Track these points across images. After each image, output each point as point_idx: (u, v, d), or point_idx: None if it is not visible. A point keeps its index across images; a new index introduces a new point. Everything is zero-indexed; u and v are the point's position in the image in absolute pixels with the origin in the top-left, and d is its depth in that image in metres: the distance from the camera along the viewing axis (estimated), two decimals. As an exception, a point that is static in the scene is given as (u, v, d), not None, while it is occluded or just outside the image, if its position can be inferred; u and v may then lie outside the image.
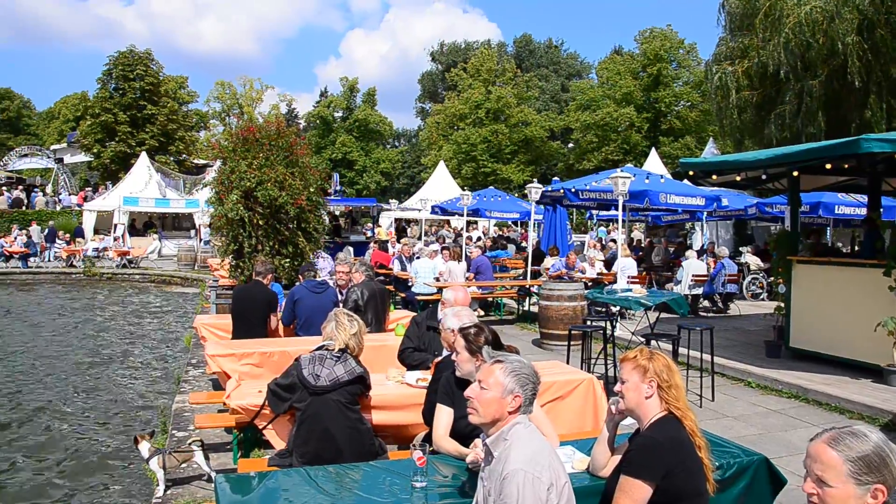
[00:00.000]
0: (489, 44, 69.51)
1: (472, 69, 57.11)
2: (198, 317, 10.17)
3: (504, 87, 55.13)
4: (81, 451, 8.49)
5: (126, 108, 45.40)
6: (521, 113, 54.50)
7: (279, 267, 10.07)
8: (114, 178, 42.17)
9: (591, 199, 16.01)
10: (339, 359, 4.59)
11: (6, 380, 12.05)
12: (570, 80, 67.60)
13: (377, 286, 8.42)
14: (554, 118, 59.13)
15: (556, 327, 11.89)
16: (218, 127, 66.07)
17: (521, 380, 2.94)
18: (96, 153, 46.17)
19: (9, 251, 29.49)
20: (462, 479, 3.59)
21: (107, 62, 46.63)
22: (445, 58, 74.15)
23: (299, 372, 4.51)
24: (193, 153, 50.92)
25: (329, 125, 65.62)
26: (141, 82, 45.78)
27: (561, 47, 77.66)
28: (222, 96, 67.42)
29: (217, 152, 11.59)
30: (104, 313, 19.84)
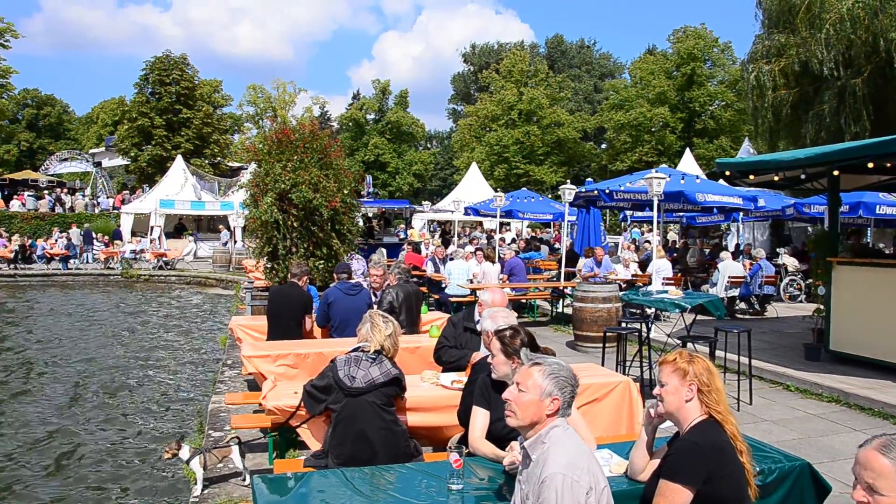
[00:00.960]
0: (522, 45, 69.31)
1: (504, 70, 57.00)
2: (233, 318, 10.27)
3: (536, 88, 54.91)
4: (117, 451, 8.61)
5: (162, 112, 46.07)
6: (554, 114, 54.25)
7: (313, 268, 10.12)
8: (150, 181, 42.80)
9: (625, 200, 15.85)
10: (374, 360, 4.59)
11: (45, 379, 12.30)
12: (603, 81, 67.20)
13: (411, 288, 8.42)
14: (587, 119, 58.82)
15: (590, 329, 11.80)
16: (252, 130, 66.72)
17: (559, 382, 2.91)
18: (133, 157, 46.90)
19: (50, 253, 30.06)
20: (499, 481, 3.57)
21: (143, 67, 47.45)
22: (477, 59, 74.11)
23: (335, 373, 4.51)
24: (228, 156, 51.49)
25: (361, 127, 65.93)
26: (177, 87, 46.43)
27: (593, 47, 77.28)
28: (255, 100, 68.07)
29: (252, 155, 11.69)
30: (141, 314, 20.11)
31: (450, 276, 14.83)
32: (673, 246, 23.84)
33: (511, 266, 15.25)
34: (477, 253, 15.88)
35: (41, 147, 72.88)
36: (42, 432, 9.27)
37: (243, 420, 6.27)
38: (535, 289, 16.14)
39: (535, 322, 15.16)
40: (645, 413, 3.39)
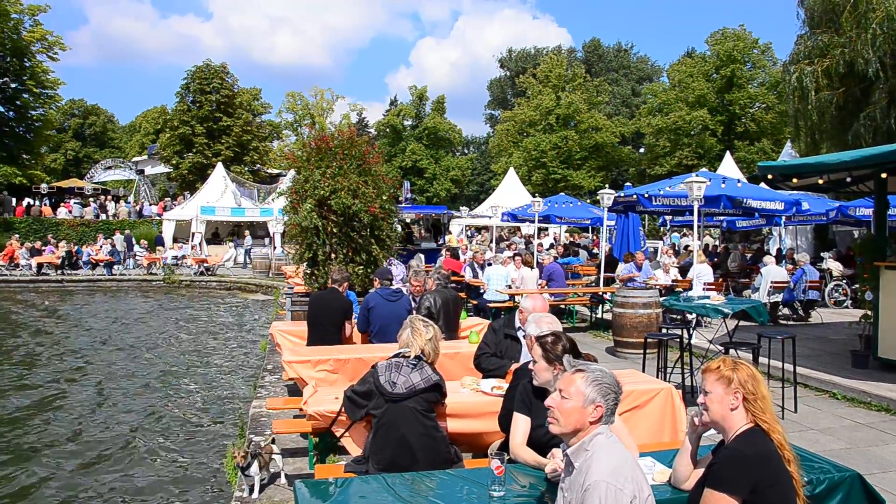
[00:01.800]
0: (559, 49, 69.09)
1: (541, 75, 56.86)
2: (273, 323, 10.36)
3: (574, 93, 54.66)
4: (158, 455, 8.74)
5: (203, 121, 46.79)
6: (592, 118, 53.95)
7: (353, 274, 10.17)
8: (191, 188, 43.45)
9: (664, 206, 15.69)
10: (415, 366, 4.57)
11: (88, 384, 12.54)
12: (641, 84, 66.72)
13: (450, 293, 8.42)
14: (625, 123, 58.38)
15: (630, 335, 11.70)
16: (290, 137, 67.42)
17: (602, 390, 2.89)
18: (175, 164, 47.69)
19: (95, 259, 30.70)
20: (540, 489, 3.54)
21: (185, 76, 48.28)
22: (514, 64, 74.11)
23: (376, 379, 4.51)
24: (267, 163, 52.08)
25: (399, 133, 66.26)
26: (217, 95, 47.13)
27: (630, 51, 76.75)
28: (294, 107, 68.77)
29: (291, 162, 11.79)
30: (182, 320, 20.42)
31: (488, 281, 14.81)
32: (713, 251, 23.51)
33: (550, 271, 15.19)
34: (515, 258, 15.84)
35: (86, 155, 74.59)
36: (81, 434, 9.46)
37: (284, 425, 6.31)
38: (573, 294, 16.05)
39: (573, 328, 15.07)
40: (689, 421, 3.33)
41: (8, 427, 9.94)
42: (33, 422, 10.23)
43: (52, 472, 8.13)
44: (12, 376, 13.04)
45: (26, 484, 7.83)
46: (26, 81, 38.54)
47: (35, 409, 10.87)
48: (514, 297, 14.27)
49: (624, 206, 17.16)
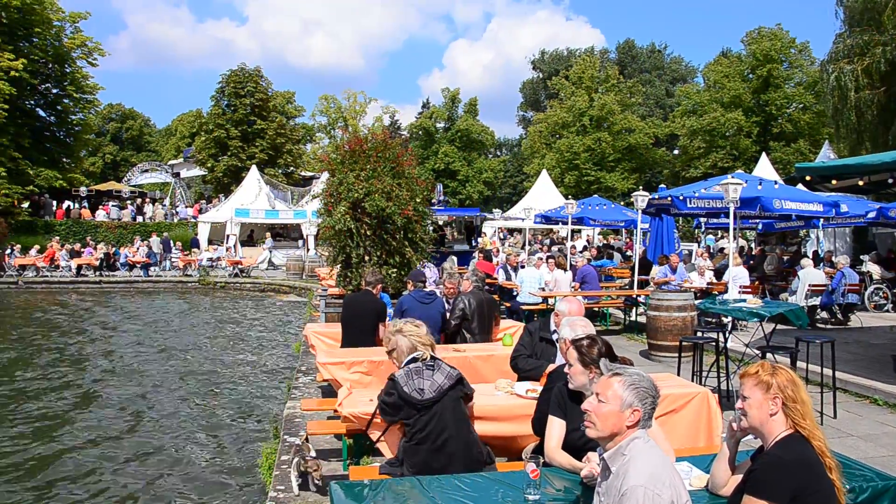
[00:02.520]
0: (592, 50, 68.73)
1: (573, 77, 56.61)
2: (307, 325, 10.43)
3: (607, 94, 54.33)
4: (192, 454, 8.85)
5: (237, 124, 47.30)
6: (625, 120, 53.58)
7: (386, 276, 10.22)
8: (226, 190, 43.94)
9: (699, 208, 15.52)
10: (433, 367, 4.53)
11: (126, 383, 12.75)
12: (675, 85, 66.11)
13: (484, 296, 8.43)
14: (659, 124, 57.88)
15: (664, 338, 11.58)
16: (324, 140, 67.92)
17: (640, 393, 2.86)
18: (210, 167, 48.26)
19: (132, 261, 31.21)
20: (576, 493, 3.53)
21: (219, 80, 48.84)
22: (547, 66, 73.88)
23: (400, 390, 4.44)
24: (301, 166, 52.49)
25: (431, 136, 66.42)
26: (251, 98, 47.62)
27: (664, 52, 76.11)
28: (327, 110, 69.27)
29: (326, 164, 11.88)
30: (216, 321, 20.65)
31: (521, 283, 14.77)
32: (749, 253, 23.21)
33: (583, 274, 15.11)
34: (549, 261, 15.78)
35: (124, 159, 75.82)
36: (114, 434, 9.61)
37: (319, 426, 6.35)
38: (607, 297, 15.94)
39: (607, 330, 14.96)
40: (727, 426, 3.30)
41: (52, 423, 10.15)
42: (75, 419, 10.44)
43: (93, 467, 8.30)
44: (55, 375, 13.29)
45: (68, 477, 8.00)
46: (67, 87, 39.35)
47: (77, 407, 11.08)
48: (547, 299, 14.22)
49: (658, 209, 17.02)
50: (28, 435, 9.56)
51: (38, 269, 29.72)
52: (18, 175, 34.86)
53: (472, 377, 6.51)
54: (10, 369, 13.76)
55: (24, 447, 9.06)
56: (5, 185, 33.58)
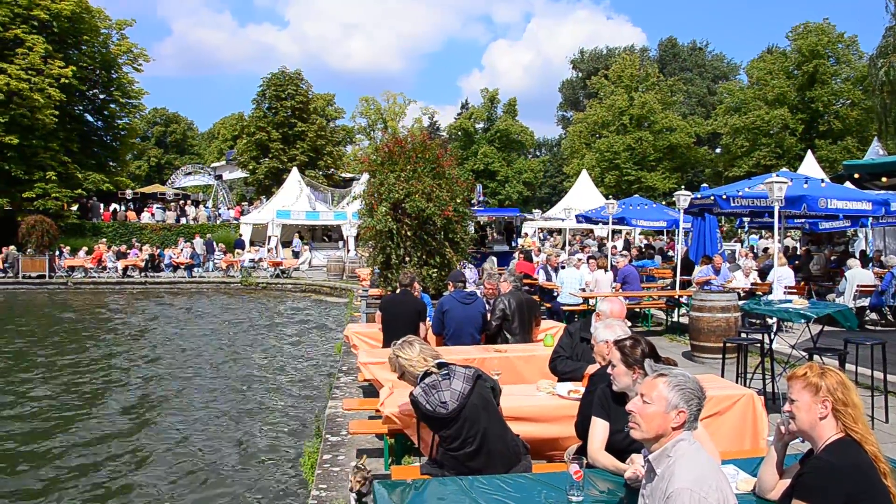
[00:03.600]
0: (631, 49, 68.14)
1: (613, 76, 56.16)
2: (349, 325, 10.51)
3: (647, 93, 53.79)
4: (235, 451, 8.98)
5: (278, 126, 47.83)
6: (666, 118, 52.98)
7: (426, 277, 10.25)
8: (267, 192, 44.46)
9: (743, 207, 15.26)
10: (447, 375, 4.37)
11: (168, 381, 13.00)
12: (717, 83, 65.16)
13: (524, 296, 8.40)
14: (700, 123, 57.09)
15: (707, 339, 11.43)
16: (363, 141, 68.38)
17: (685, 395, 2.83)
18: (251, 169, 48.89)
19: (176, 262, 31.76)
20: (619, 495, 3.51)
21: (261, 84, 49.46)
22: (586, 65, 73.44)
23: (423, 410, 4.31)
24: (341, 167, 52.88)
25: (471, 137, 66.45)
26: (292, 101, 48.13)
27: (706, 49, 75.07)
28: (367, 112, 69.71)
29: (367, 165, 11.97)
30: (259, 321, 20.90)
31: (562, 284, 14.69)
32: (794, 253, 22.77)
33: (624, 274, 14.97)
34: (589, 261, 15.67)
35: (168, 162, 77.17)
36: (142, 437, 9.73)
37: (360, 425, 6.40)
38: (648, 297, 15.78)
39: (648, 331, 14.81)
40: (775, 429, 3.24)
41: (111, 417, 10.42)
42: (130, 413, 10.69)
43: (139, 457, 8.48)
44: (109, 375, 13.61)
45: (123, 465, 8.19)
46: (113, 92, 40.27)
47: (130, 404, 11.35)
48: (587, 300, 14.13)
49: (700, 208, 16.78)
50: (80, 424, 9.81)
51: (87, 270, 30.44)
52: (68, 179, 35.73)
53: (514, 377, 6.53)
54: (65, 367, 14.11)
55: (81, 438, 9.30)
56: (55, 189, 34.45)
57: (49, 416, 10.57)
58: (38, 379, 13.03)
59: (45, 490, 7.75)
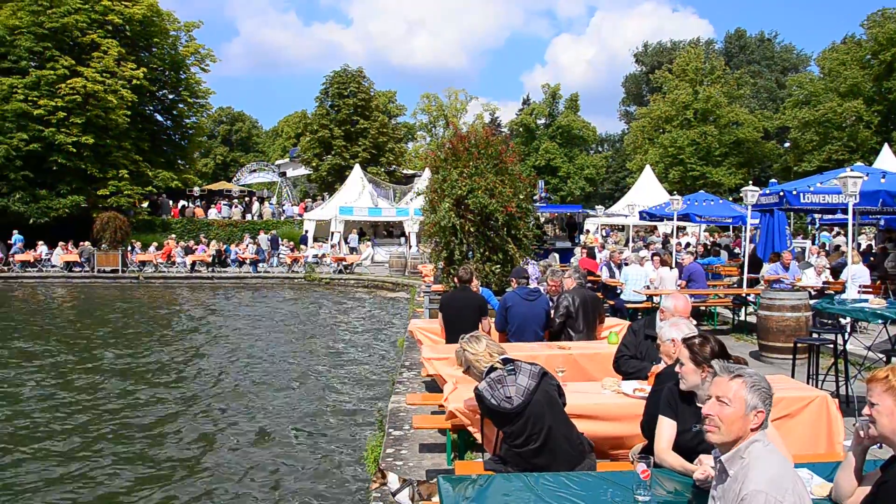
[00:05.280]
0: (697, 41, 66.75)
1: (677, 69, 55.11)
2: (412, 321, 10.58)
3: (713, 87, 52.62)
4: (299, 443, 9.13)
5: (341, 124, 48.40)
6: (732, 112, 51.77)
7: (489, 273, 10.25)
8: (330, 189, 45.02)
9: (814, 203, 14.79)
10: (512, 371, 4.35)
11: (233, 373, 13.32)
12: (786, 75, 63.34)
13: (588, 293, 8.33)
14: (768, 117, 55.57)
15: (776, 339, 11.13)
16: (424, 138, 68.67)
17: (762, 394, 2.76)
18: (315, 166, 49.59)
19: (242, 257, 32.43)
20: (686, 495, 3.45)
21: (323, 82, 50.14)
22: (650, 59, 72.32)
23: (488, 404, 4.30)
24: (402, 164, 53.23)
25: (532, 132, 66.12)
26: (354, 99, 48.64)
27: (774, 40, 72.97)
28: (428, 108, 69.95)
29: (430, 161, 12.01)
30: (322, 316, 21.20)
31: (626, 281, 14.50)
32: (868, 250, 21.99)
33: (690, 271, 14.70)
34: (653, 258, 15.43)
35: (233, 160, 78.87)
36: (210, 429, 9.98)
37: (423, 420, 6.43)
38: (714, 295, 15.46)
39: (714, 330, 14.51)
40: (853, 434, 3.13)
41: (177, 407, 10.75)
42: (196, 402, 11.02)
43: (205, 444, 8.70)
44: (176, 366, 14.02)
45: (188, 451, 8.42)
46: (182, 92, 41.48)
47: (196, 395, 11.68)
48: (651, 297, 13.92)
49: (769, 204, 16.35)
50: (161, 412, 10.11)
51: (157, 265, 31.36)
52: (139, 176, 36.93)
53: (578, 375, 6.48)
54: (143, 360, 14.58)
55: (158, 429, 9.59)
56: (127, 187, 35.61)
57: (117, 404, 10.93)
58: (113, 368, 13.50)
59: (109, 471, 8.02)
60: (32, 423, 10.07)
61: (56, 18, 33.96)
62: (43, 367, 13.62)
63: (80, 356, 14.86)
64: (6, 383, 12.38)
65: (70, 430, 9.65)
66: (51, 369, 13.50)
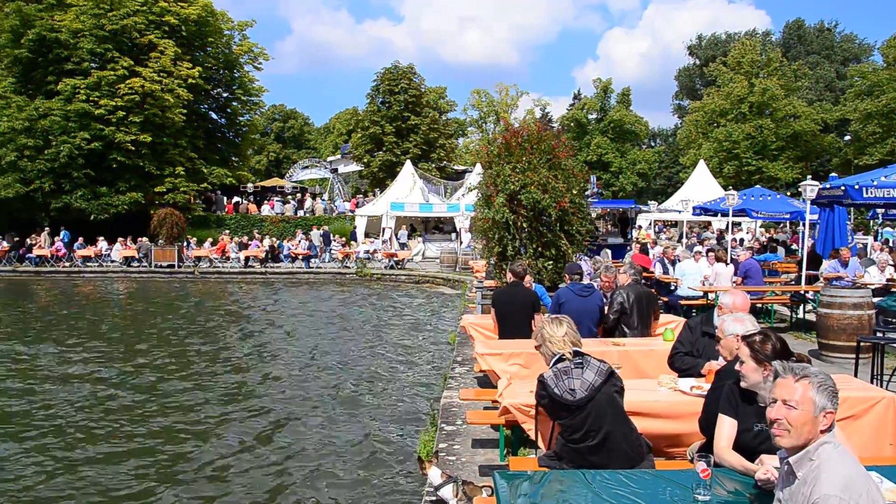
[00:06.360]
0: (753, 33, 65.31)
1: (732, 62, 54.02)
2: (464, 316, 10.58)
3: (769, 79, 51.41)
4: (350, 439, 9.20)
5: (392, 120, 48.67)
6: (789, 105, 50.51)
7: (542, 269, 10.20)
8: (381, 185, 45.31)
9: (877, 198, 14.35)
10: (581, 364, 4.35)
11: (284, 366, 13.53)
12: (846, 66, 61.52)
13: (643, 289, 8.23)
14: (828, 109, 54.06)
15: (837, 338, 10.84)
16: (475, 134, 68.62)
17: (830, 394, 2.69)
18: (366, 162, 49.96)
19: (294, 253, 32.85)
20: (747, 495, 3.39)
21: (374, 78, 50.46)
22: (704, 52, 71.05)
23: (550, 392, 4.30)
24: (453, 159, 53.28)
25: (583, 128, 65.61)
26: (405, 95, 48.83)
27: (835, 29, 70.90)
28: (479, 104, 69.89)
29: (483, 156, 12.00)
30: (374, 311, 21.35)
31: (682, 277, 14.29)
32: (934, 247, 21.31)
33: (746, 268, 14.40)
34: (709, 254, 15.17)
35: (286, 156, 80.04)
36: (271, 423, 10.07)
37: (477, 416, 6.43)
38: (771, 293, 15.13)
39: (771, 328, 14.21)
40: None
41: (230, 400, 10.97)
42: (250, 396, 11.21)
43: (259, 439, 8.85)
44: (235, 359, 14.30)
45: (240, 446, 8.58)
46: (235, 91, 42.23)
47: (251, 386, 11.92)
48: (707, 294, 13.69)
49: (829, 199, 15.93)
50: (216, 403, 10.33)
51: (211, 261, 31.96)
52: (194, 173, 37.68)
53: (633, 372, 6.41)
54: (192, 350, 14.91)
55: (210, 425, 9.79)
56: (183, 183, 36.37)
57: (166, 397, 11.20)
58: (176, 364, 13.83)
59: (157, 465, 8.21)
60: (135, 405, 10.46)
61: (116, 20, 34.86)
62: (148, 364, 13.89)
63: (171, 349, 15.35)
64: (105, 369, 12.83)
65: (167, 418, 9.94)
66: (150, 364, 13.84)
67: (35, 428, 9.54)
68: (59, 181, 34.30)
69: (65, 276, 30.68)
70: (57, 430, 9.50)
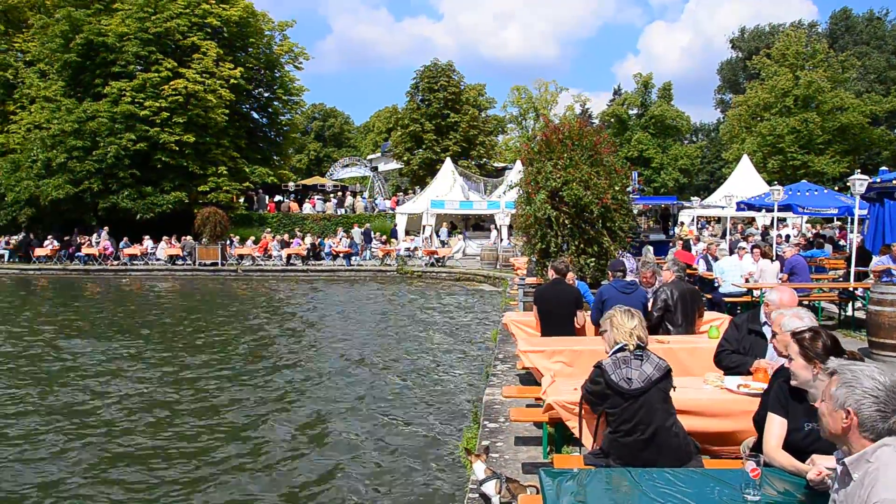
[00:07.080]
0: (798, 24, 63.97)
1: (776, 54, 53.01)
2: (506, 313, 10.58)
3: (815, 71, 50.34)
4: (393, 435, 9.23)
5: (431, 118, 48.80)
6: (836, 97, 49.41)
7: (584, 266, 10.14)
8: (421, 182, 45.50)
9: (930, 191, 14.05)
10: (641, 357, 4.39)
11: (327, 363, 13.64)
12: (899, 55, 59.92)
13: (687, 286, 8.14)
14: (878, 101, 52.74)
15: (889, 336, 10.58)
16: (515, 131, 68.44)
17: (850, 391, 2.63)
18: (406, 160, 50.21)
19: (335, 251, 33.11)
20: (798, 496, 3.33)
21: (414, 76, 50.63)
22: (747, 44, 69.83)
23: (607, 378, 4.34)
24: (493, 157, 53.21)
25: (624, 123, 65.04)
26: (444, 93, 48.94)
27: (885, 18, 69.00)
28: (518, 101, 69.68)
29: (523, 153, 11.97)
30: (415, 308, 21.42)
31: (723, 274, 14.09)
32: None
33: (792, 264, 14.14)
34: (753, 250, 14.93)
35: (326, 155, 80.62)
36: (311, 418, 10.15)
37: (520, 413, 6.42)
38: (819, 290, 14.84)
39: (820, 326, 13.91)
40: None
41: (273, 395, 11.08)
42: (289, 394, 11.33)
43: (299, 436, 8.96)
44: (279, 355, 14.49)
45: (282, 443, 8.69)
46: (276, 90, 42.66)
47: (295, 383, 12.04)
48: (751, 291, 13.48)
49: (879, 193, 15.59)
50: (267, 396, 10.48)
51: (254, 259, 32.38)
52: (237, 173, 38.19)
53: (678, 370, 6.31)
54: (234, 344, 15.13)
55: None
56: (226, 183, 36.87)
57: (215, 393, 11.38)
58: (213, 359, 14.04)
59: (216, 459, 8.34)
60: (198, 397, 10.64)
61: (160, 23, 35.48)
62: (196, 360, 14.04)
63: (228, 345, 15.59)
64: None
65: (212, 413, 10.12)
66: (212, 359, 14.09)
67: (84, 424, 9.75)
68: (106, 181, 35.02)
69: (112, 274, 31.35)
70: (105, 423, 9.71)
